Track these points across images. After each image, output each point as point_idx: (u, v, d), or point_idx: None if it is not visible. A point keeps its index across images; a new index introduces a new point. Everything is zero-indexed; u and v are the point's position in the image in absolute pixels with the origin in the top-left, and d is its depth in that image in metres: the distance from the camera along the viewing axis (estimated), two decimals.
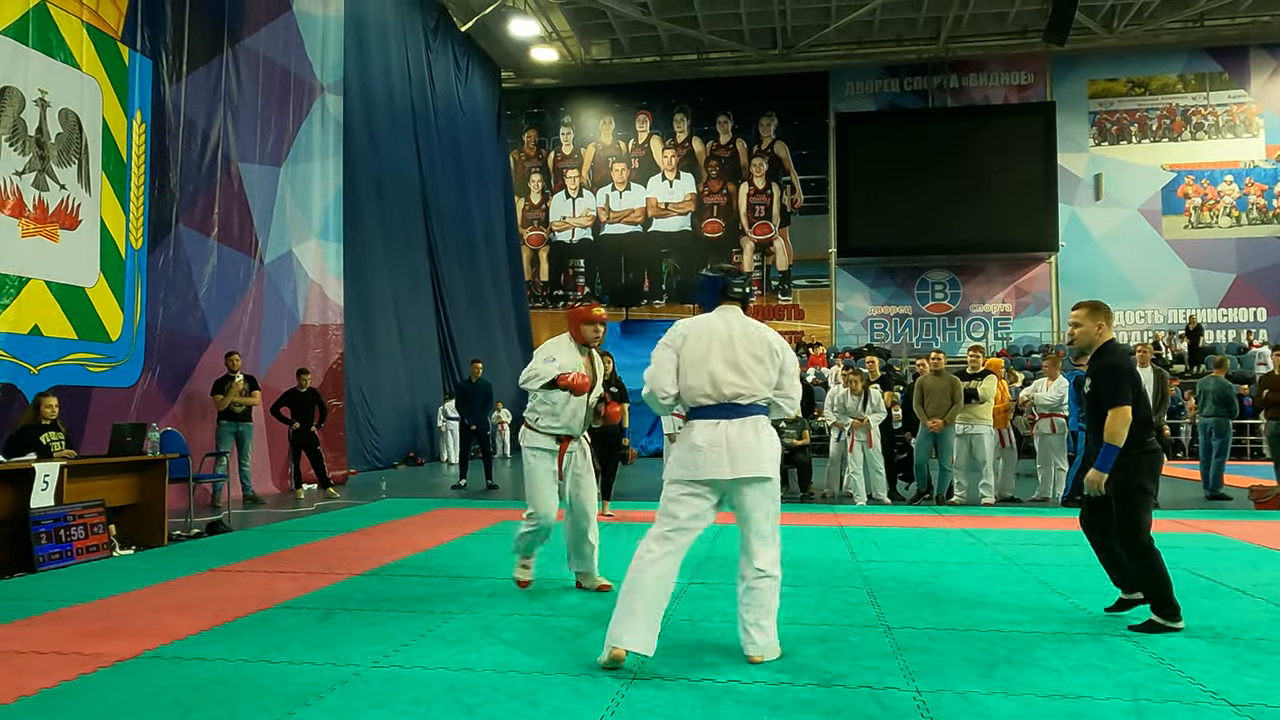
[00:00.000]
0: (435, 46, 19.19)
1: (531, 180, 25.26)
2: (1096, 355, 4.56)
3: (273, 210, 12.03)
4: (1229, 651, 4.08)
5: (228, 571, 6.03)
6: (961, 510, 9.41)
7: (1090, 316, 4.59)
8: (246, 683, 3.61)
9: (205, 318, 10.66)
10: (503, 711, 3.30)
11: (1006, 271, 23.28)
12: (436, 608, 4.91)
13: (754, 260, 24.21)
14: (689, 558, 6.45)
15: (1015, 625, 4.55)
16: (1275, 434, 9.76)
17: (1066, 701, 3.41)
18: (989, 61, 23.37)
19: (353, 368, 14.11)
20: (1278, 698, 3.44)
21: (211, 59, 10.92)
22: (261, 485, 10.96)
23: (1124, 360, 4.50)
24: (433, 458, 17.23)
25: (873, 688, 3.55)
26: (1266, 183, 22.31)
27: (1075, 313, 4.68)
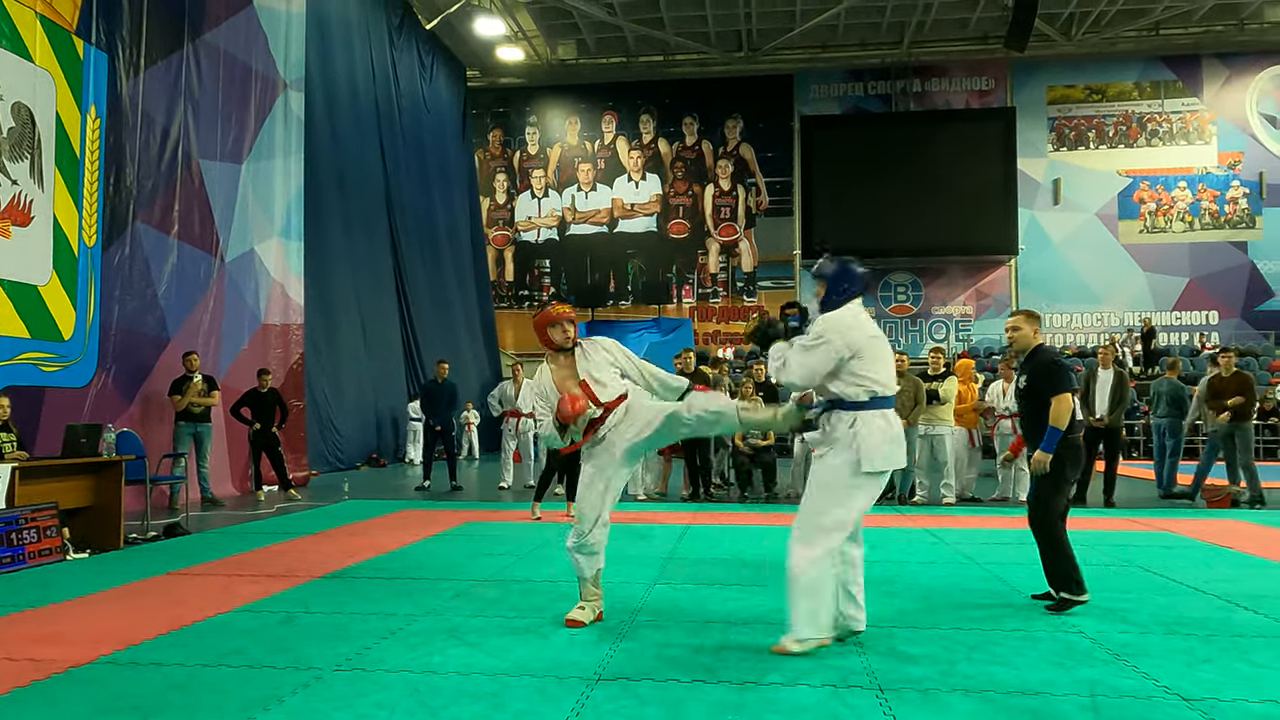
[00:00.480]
0: (399, 44, 19.02)
1: (497, 180, 25.13)
2: (1032, 355, 5.13)
3: (234, 208, 11.85)
4: (1183, 647, 4.17)
5: (185, 575, 5.93)
6: (923, 510, 9.51)
7: (1027, 322, 5.20)
8: (204, 687, 3.55)
9: (164, 317, 10.47)
10: (467, 713, 3.28)
11: (968, 274, 23.59)
12: (400, 610, 4.87)
13: (719, 262, 24.30)
14: (654, 556, 6.48)
15: (976, 623, 4.61)
16: (1228, 435, 9.97)
17: (1025, 698, 3.46)
18: (951, 67, 23.67)
19: (314, 368, 13.94)
20: (1229, 692, 3.52)
21: (171, 53, 10.73)
22: (221, 487, 10.79)
23: (1058, 357, 5.20)
24: (396, 459, 17.07)
25: (836, 686, 3.58)
26: (1218, 189, 22.83)
27: (1014, 319, 5.25)
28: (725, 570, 6.05)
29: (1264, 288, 22.50)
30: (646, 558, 6.53)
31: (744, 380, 10.82)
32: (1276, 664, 3.89)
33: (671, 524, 8.38)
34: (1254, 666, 3.86)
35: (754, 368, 11.81)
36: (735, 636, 4.34)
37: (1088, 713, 3.30)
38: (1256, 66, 22.65)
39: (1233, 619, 4.72)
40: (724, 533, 7.83)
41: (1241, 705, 3.38)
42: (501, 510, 9.62)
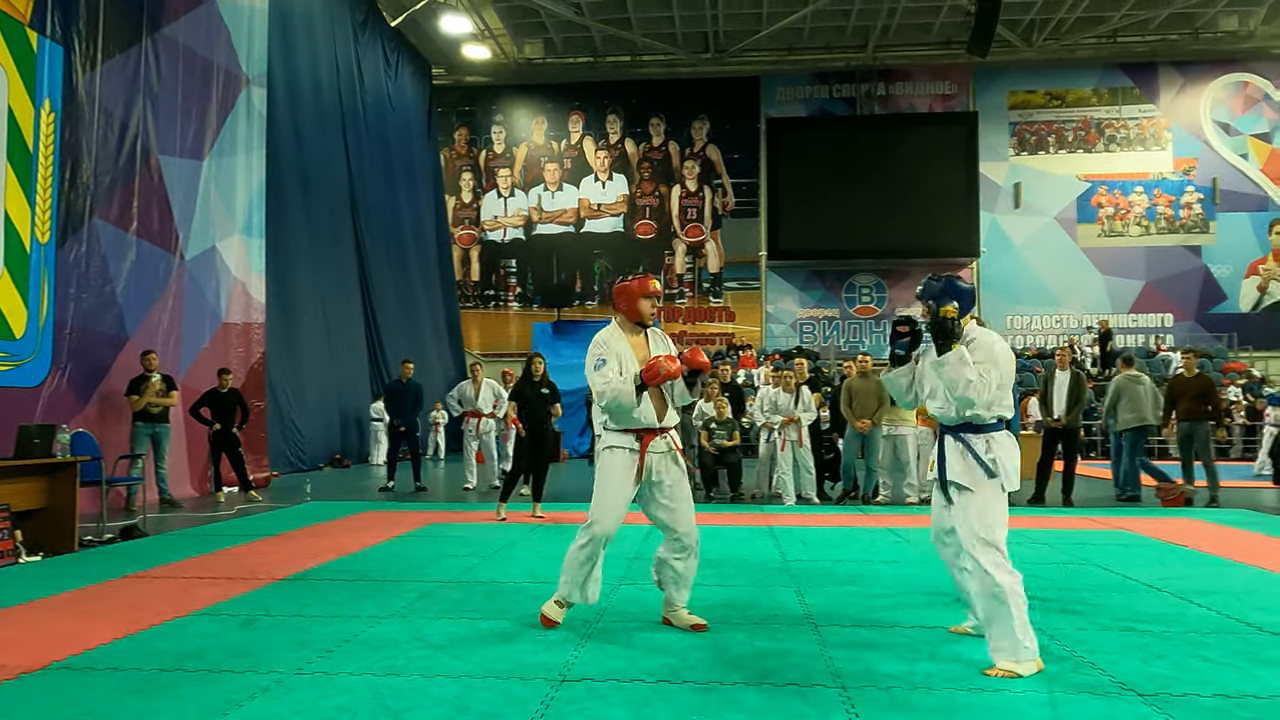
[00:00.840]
0: (364, 40, 18.84)
1: (463, 179, 24.98)
2: None
3: (195, 205, 11.66)
4: (1138, 643, 4.24)
5: (142, 578, 5.82)
6: (886, 509, 9.60)
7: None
8: (161, 693, 3.49)
9: (122, 315, 10.27)
10: (430, 716, 3.25)
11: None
12: (362, 612, 4.82)
13: (685, 262, 24.35)
14: (620, 556, 6.47)
15: (938, 621, 4.66)
16: (1187, 435, 10.14)
17: (985, 695, 3.51)
18: (915, 71, 23.93)
19: (276, 367, 13.75)
20: (1181, 687, 3.59)
21: (129, 47, 10.54)
22: (180, 488, 10.62)
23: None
24: (360, 459, 16.91)
25: (799, 685, 3.61)
26: (1173, 194, 23.30)
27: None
28: None
29: (1217, 291, 23.01)
30: (612, 558, 6.51)
31: (709, 381, 10.82)
32: (1227, 658, 3.98)
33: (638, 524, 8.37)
34: (1205, 661, 3.94)
35: (719, 369, 11.87)
36: (700, 636, 4.35)
37: (1045, 709, 3.36)
38: (1210, 75, 23.15)
39: (1186, 615, 4.82)
40: None
41: (1193, 699, 3.45)
42: (466, 511, 9.56)
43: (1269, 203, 22.94)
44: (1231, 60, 23.01)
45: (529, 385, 8.98)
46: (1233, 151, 23.10)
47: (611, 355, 4.43)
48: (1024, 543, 7.09)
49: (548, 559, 6.52)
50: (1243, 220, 23.01)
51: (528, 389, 8.96)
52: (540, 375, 9.07)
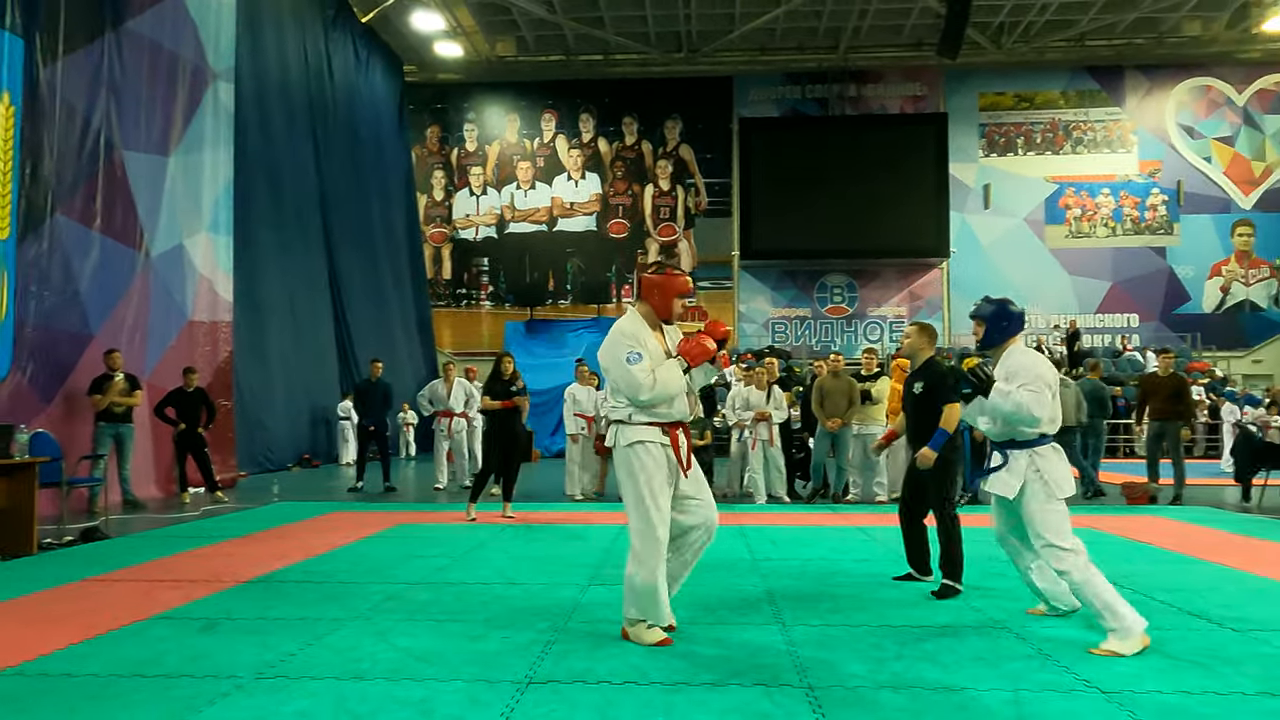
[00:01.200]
0: (334, 36, 18.65)
1: (434, 176, 24.81)
2: (926, 366, 5.58)
3: (161, 201, 11.47)
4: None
5: (102, 581, 5.71)
6: (856, 508, 9.65)
7: (919, 334, 5.69)
8: (118, 699, 3.42)
9: (86, 313, 10.08)
10: None
11: (901, 276, 24.02)
12: (327, 614, 4.76)
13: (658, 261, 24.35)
14: (590, 557, 6.45)
15: (906, 620, 4.68)
16: (1158, 434, 10.23)
17: (952, 694, 3.52)
18: (886, 72, 24.07)
19: (243, 366, 13.57)
20: (1143, 684, 3.63)
21: (92, 41, 10.34)
22: (144, 489, 10.45)
23: (949, 370, 5.69)
24: (329, 459, 16.75)
25: (767, 685, 3.60)
26: (1139, 196, 23.62)
27: (909, 328, 5.80)
28: None
29: (1181, 292, 23.36)
30: (581, 558, 6.50)
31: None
32: (1189, 655, 4.02)
33: (608, 524, 8.36)
34: (1168, 659, 3.98)
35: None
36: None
37: (1011, 707, 3.37)
38: (1174, 79, 23.50)
39: (1151, 612, 4.85)
40: None
41: (1155, 696, 3.48)
42: (436, 511, 9.49)
43: (1231, 205, 23.32)
44: (1195, 64, 23.37)
45: (498, 384, 8.93)
46: (1196, 154, 23.46)
47: (642, 348, 4.21)
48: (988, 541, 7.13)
49: (518, 560, 6.49)
50: (1206, 222, 23.38)
51: (497, 387, 8.91)
52: (510, 374, 9.02)
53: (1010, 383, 4.41)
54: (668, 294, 4.34)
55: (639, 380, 4.10)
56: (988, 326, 4.67)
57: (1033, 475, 4.36)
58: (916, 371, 5.62)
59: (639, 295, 4.44)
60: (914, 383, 5.60)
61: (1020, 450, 4.44)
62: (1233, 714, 3.31)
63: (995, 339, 4.65)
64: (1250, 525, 8.42)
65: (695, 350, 4.21)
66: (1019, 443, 4.45)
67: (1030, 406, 4.30)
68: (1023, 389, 4.34)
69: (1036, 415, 4.31)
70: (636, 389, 4.10)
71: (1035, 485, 4.36)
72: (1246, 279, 23.32)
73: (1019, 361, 4.50)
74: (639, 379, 4.11)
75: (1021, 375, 4.40)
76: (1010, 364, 4.52)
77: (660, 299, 4.35)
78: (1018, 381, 4.39)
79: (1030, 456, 4.40)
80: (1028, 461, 4.39)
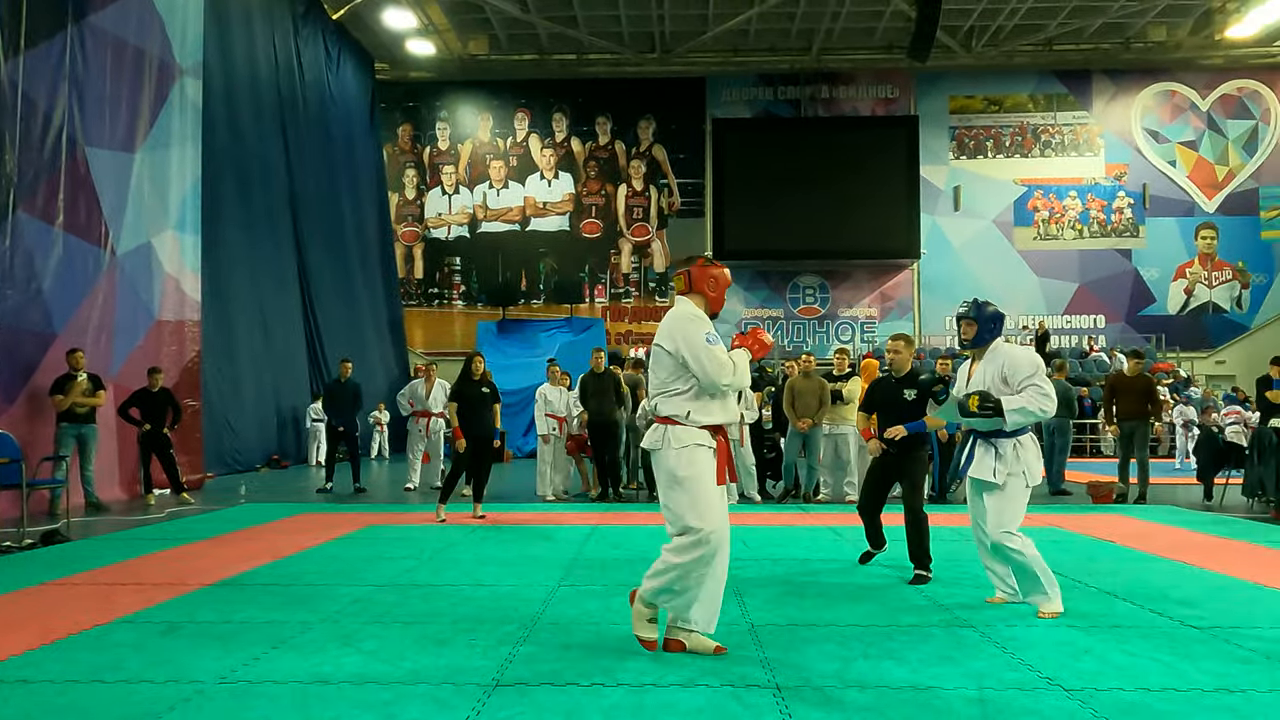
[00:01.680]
0: (304, 33, 18.45)
1: (406, 175, 24.64)
2: (911, 375, 6.04)
3: (126, 199, 11.28)
4: (1066, 639, 4.33)
5: (63, 585, 5.61)
6: (827, 508, 9.69)
7: (907, 347, 6.12)
8: (74, 706, 3.36)
9: (49, 311, 9.89)
10: None
11: (873, 277, 24.18)
12: (292, 617, 4.70)
13: (632, 262, 24.34)
14: (560, 558, 6.43)
15: (873, 619, 4.70)
16: (1129, 435, 10.35)
17: (917, 693, 3.54)
18: (858, 74, 24.22)
19: (211, 366, 13.40)
20: (1106, 681, 3.67)
21: (54, 35, 10.15)
22: (108, 491, 10.28)
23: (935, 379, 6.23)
24: (299, 460, 16.58)
25: (734, 686, 3.60)
26: (1105, 199, 23.94)
27: (895, 343, 6.16)
28: (630, 571, 6.03)
29: (1146, 294, 23.71)
30: (551, 559, 6.48)
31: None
32: (1149, 653, 4.08)
33: (579, 525, 8.34)
34: (1129, 656, 4.04)
35: None
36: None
37: (975, 705, 3.40)
38: (1141, 83, 23.84)
39: (1112, 611, 4.93)
40: (630, 533, 7.83)
41: (1117, 694, 3.52)
42: (406, 512, 9.42)
43: (1195, 208, 23.70)
44: (1160, 70, 23.73)
45: (469, 385, 8.86)
46: (1161, 158, 23.82)
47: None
48: (956, 539, 7.20)
49: (487, 561, 6.46)
50: (1171, 225, 23.75)
51: (468, 388, 8.85)
52: (480, 374, 8.96)
53: (1013, 380, 4.70)
54: (721, 286, 4.19)
55: (724, 360, 3.90)
56: (981, 327, 4.89)
57: (1016, 466, 4.71)
58: (904, 379, 6.02)
59: (690, 287, 4.17)
60: (903, 389, 5.97)
61: (1006, 440, 4.73)
62: (1192, 710, 3.36)
63: (986, 339, 4.90)
64: (1210, 524, 8.56)
65: (758, 346, 4.16)
66: (1006, 432, 4.71)
67: (1045, 404, 4.61)
68: (1031, 387, 4.63)
69: (1050, 409, 4.64)
70: (721, 370, 3.87)
71: (1016, 475, 4.72)
72: (1210, 281, 23.71)
73: (1017, 358, 4.78)
74: (724, 359, 3.90)
75: (1022, 370, 4.69)
76: (1006, 361, 4.78)
77: (715, 291, 4.17)
78: (1020, 378, 4.68)
79: (1015, 447, 4.71)
80: (1013, 452, 4.71)
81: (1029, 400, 4.60)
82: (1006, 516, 4.70)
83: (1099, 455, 19.29)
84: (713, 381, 3.89)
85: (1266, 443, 9.56)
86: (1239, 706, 3.39)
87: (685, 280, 4.19)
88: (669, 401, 3.96)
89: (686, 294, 4.18)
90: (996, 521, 4.70)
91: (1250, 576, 5.87)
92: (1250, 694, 3.53)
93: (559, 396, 10.79)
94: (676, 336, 3.96)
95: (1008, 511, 4.69)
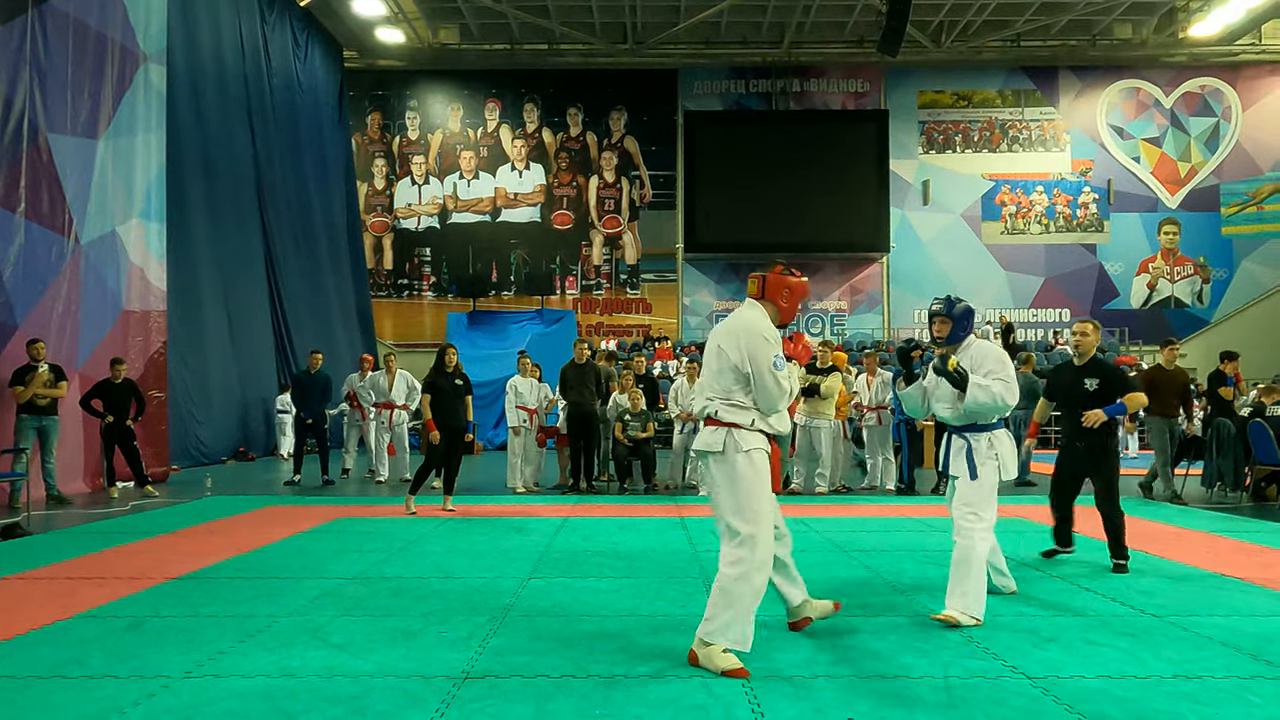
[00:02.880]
0: (271, 20, 18.20)
1: (375, 165, 24.41)
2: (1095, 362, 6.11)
3: (90, 186, 11.08)
4: (1029, 628, 4.40)
5: (23, 579, 5.52)
6: (797, 499, 9.75)
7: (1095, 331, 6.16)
8: (36, 702, 3.31)
9: (10, 301, 9.70)
10: (325, 718, 3.16)
11: (843, 270, 24.33)
12: (259, 611, 4.67)
13: (603, 253, 24.30)
14: (530, 550, 6.43)
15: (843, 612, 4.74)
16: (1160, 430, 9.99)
17: (885, 681, 3.59)
18: (829, 69, 24.32)
19: (176, 357, 13.21)
20: (1068, 670, 3.74)
21: (13, 18, 9.94)
22: (71, 484, 10.12)
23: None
24: (266, 452, 16.41)
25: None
26: (1071, 194, 24.26)
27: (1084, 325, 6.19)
28: (600, 563, 6.05)
29: (1110, 288, 24.07)
30: (522, 551, 6.48)
31: (624, 374, 10.87)
32: (1109, 641, 4.16)
33: (549, 517, 8.34)
34: (1090, 645, 4.11)
35: (635, 361, 11.90)
36: (607, 629, 4.34)
37: (941, 693, 3.45)
38: (1106, 80, 24.15)
39: (1074, 600, 5.02)
40: (601, 525, 7.84)
41: (1078, 681, 3.59)
42: (375, 505, 9.36)
43: (1159, 204, 24.08)
44: (1126, 67, 24.05)
45: (442, 376, 8.81)
46: (1126, 154, 24.16)
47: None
48: (924, 530, 7.28)
49: (457, 553, 6.44)
50: (1134, 220, 24.11)
51: (440, 379, 8.79)
52: (454, 366, 8.91)
53: (977, 373, 4.74)
54: (796, 297, 4.17)
55: (784, 388, 3.93)
56: (955, 324, 4.89)
57: (991, 459, 4.75)
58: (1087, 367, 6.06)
59: (763, 294, 4.13)
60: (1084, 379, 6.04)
61: (980, 434, 4.78)
62: (1150, 696, 3.43)
63: (960, 335, 4.89)
64: (1170, 514, 8.72)
65: (805, 353, 4.25)
66: (979, 427, 4.78)
67: (1005, 396, 4.65)
68: (996, 380, 4.68)
69: (1010, 403, 4.68)
70: (781, 397, 3.92)
71: (990, 467, 4.75)
72: (1172, 276, 24.12)
73: (984, 352, 4.83)
74: (785, 386, 3.93)
75: (989, 364, 4.75)
76: (974, 355, 4.83)
77: (789, 301, 4.16)
78: (985, 370, 4.73)
79: (990, 440, 4.77)
80: (988, 446, 4.76)
81: (993, 384, 4.65)
82: (975, 498, 4.66)
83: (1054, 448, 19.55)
84: (771, 405, 3.93)
85: (1224, 434, 9.74)
86: (1196, 692, 3.47)
87: (759, 285, 4.15)
88: (733, 410, 3.91)
89: (758, 300, 4.13)
90: (963, 499, 4.68)
91: (1209, 566, 6.00)
92: (1206, 680, 3.61)
93: (529, 388, 10.77)
94: (744, 350, 3.92)
95: (977, 495, 4.67)
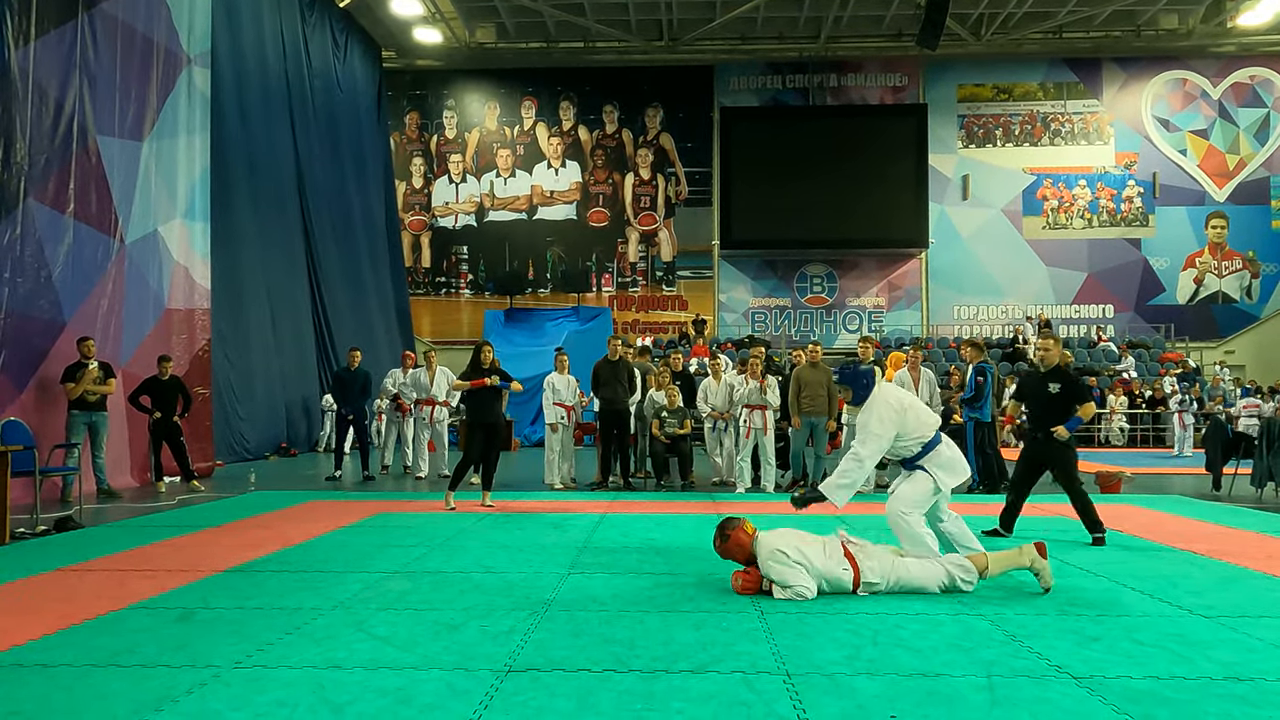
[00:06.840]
0: (311, 21, 18.45)
1: (413, 164, 24.65)
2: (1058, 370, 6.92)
3: (135, 187, 11.32)
4: (1074, 627, 4.35)
5: (77, 571, 5.67)
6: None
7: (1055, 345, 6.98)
8: (93, 689, 3.40)
9: (59, 300, 9.95)
10: (372, 709, 3.21)
11: (880, 266, 24.13)
12: (305, 604, 4.75)
13: (639, 251, 24.33)
14: (569, 546, 6.46)
15: (882, 608, 4.72)
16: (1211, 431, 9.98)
17: (926, 680, 3.56)
18: (866, 62, 24.12)
19: (220, 354, 13.46)
20: (1114, 669, 3.68)
21: (64, 23, 10.18)
22: (119, 479, 10.36)
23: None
24: (308, 448, 16.65)
25: (745, 673, 3.63)
26: (1115, 188, 23.84)
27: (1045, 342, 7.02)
28: (639, 559, 6.07)
29: (1155, 283, 23.64)
30: (561, 547, 6.51)
31: (660, 369, 10.87)
32: (1157, 642, 4.09)
33: (587, 513, 8.38)
34: (1137, 644, 4.05)
35: (671, 357, 11.88)
36: (647, 624, 4.35)
37: (984, 692, 3.42)
38: (1151, 71, 23.70)
39: (1120, 599, 4.94)
40: (639, 521, 7.86)
41: (1125, 681, 3.54)
42: (415, 501, 9.47)
43: (1206, 197, 23.59)
44: (1171, 57, 23.58)
45: (478, 372, 8.88)
46: (1172, 147, 23.70)
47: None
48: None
49: (497, 548, 6.49)
50: (1181, 214, 23.64)
51: (476, 376, 8.86)
52: (490, 363, 8.98)
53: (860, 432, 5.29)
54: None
55: None
56: (855, 390, 5.71)
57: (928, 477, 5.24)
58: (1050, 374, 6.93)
59: None
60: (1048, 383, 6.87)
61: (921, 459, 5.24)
62: (1200, 698, 3.37)
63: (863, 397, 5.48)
64: (1219, 513, 8.55)
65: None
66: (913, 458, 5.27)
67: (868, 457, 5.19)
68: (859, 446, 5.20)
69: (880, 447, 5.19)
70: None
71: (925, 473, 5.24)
72: (1220, 271, 23.62)
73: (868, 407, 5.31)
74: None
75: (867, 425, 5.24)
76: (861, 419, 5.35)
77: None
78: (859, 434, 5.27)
79: (929, 466, 5.21)
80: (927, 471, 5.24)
81: (859, 451, 5.17)
82: (905, 495, 5.21)
83: (1108, 445, 19.27)
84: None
85: (1276, 432, 9.54)
86: (1248, 694, 3.41)
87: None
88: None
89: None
90: (898, 497, 5.23)
91: (1259, 566, 5.88)
92: (1259, 682, 3.54)
93: (566, 385, 10.81)
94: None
95: (907, 493, 5.21)
